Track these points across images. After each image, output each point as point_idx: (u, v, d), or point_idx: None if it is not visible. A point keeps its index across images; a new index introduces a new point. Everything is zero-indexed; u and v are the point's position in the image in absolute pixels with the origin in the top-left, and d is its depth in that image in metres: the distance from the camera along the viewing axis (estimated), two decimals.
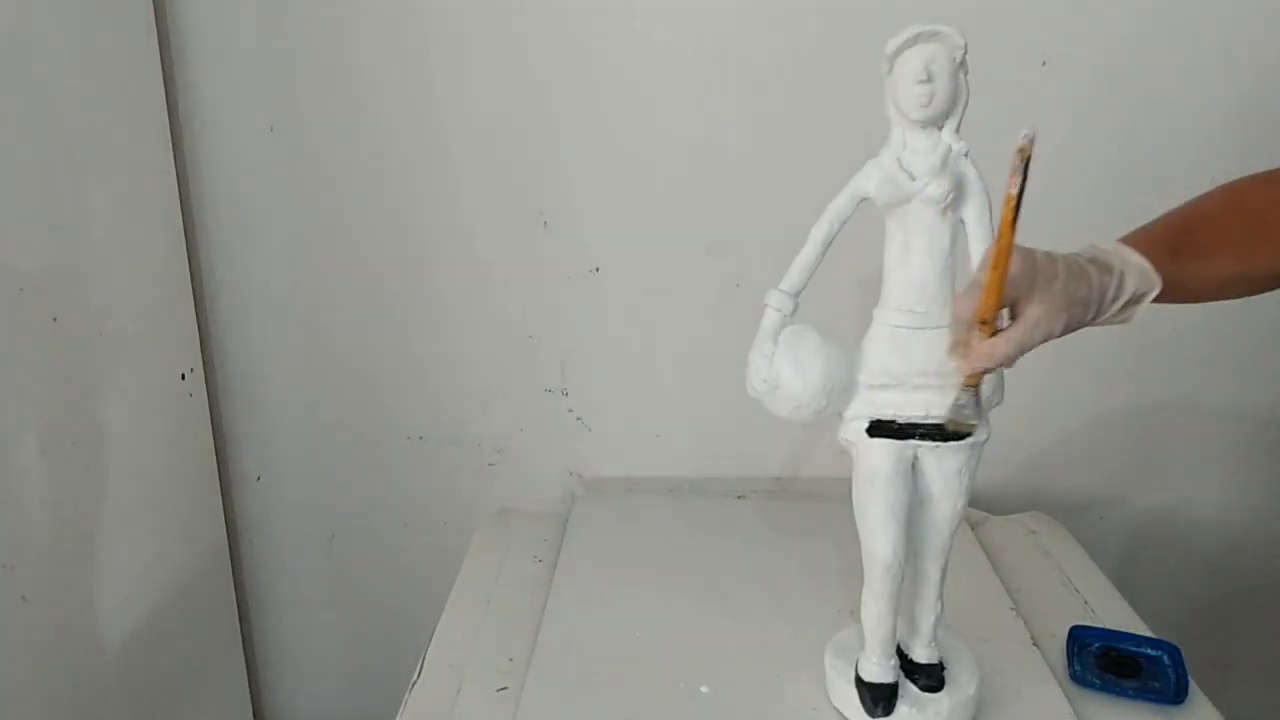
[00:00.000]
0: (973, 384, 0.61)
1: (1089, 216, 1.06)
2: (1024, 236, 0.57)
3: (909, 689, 0.71)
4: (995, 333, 0.59)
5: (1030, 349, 0.59)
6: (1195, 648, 0.81)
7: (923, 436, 0.65)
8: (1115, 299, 0.61)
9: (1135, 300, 0.62)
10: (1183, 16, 1.00)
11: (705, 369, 1.13)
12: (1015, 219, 0.56)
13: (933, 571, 0.70)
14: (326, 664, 1.32)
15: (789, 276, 0.66)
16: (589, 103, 1.07)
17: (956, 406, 0.62)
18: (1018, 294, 0.59)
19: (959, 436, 0.65)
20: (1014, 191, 0.55)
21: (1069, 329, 0.60)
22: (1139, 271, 0.62)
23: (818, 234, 0.65)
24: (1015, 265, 0.57)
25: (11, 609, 0.84)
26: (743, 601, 0.88)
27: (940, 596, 0.70)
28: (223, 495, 1.22)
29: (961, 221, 0.64)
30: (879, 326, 0.66)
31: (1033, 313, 0.59)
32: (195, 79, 1.09)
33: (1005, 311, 0.60)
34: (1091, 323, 0.62)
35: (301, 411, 1.21)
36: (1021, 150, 0.54)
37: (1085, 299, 0.60)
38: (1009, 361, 0.59)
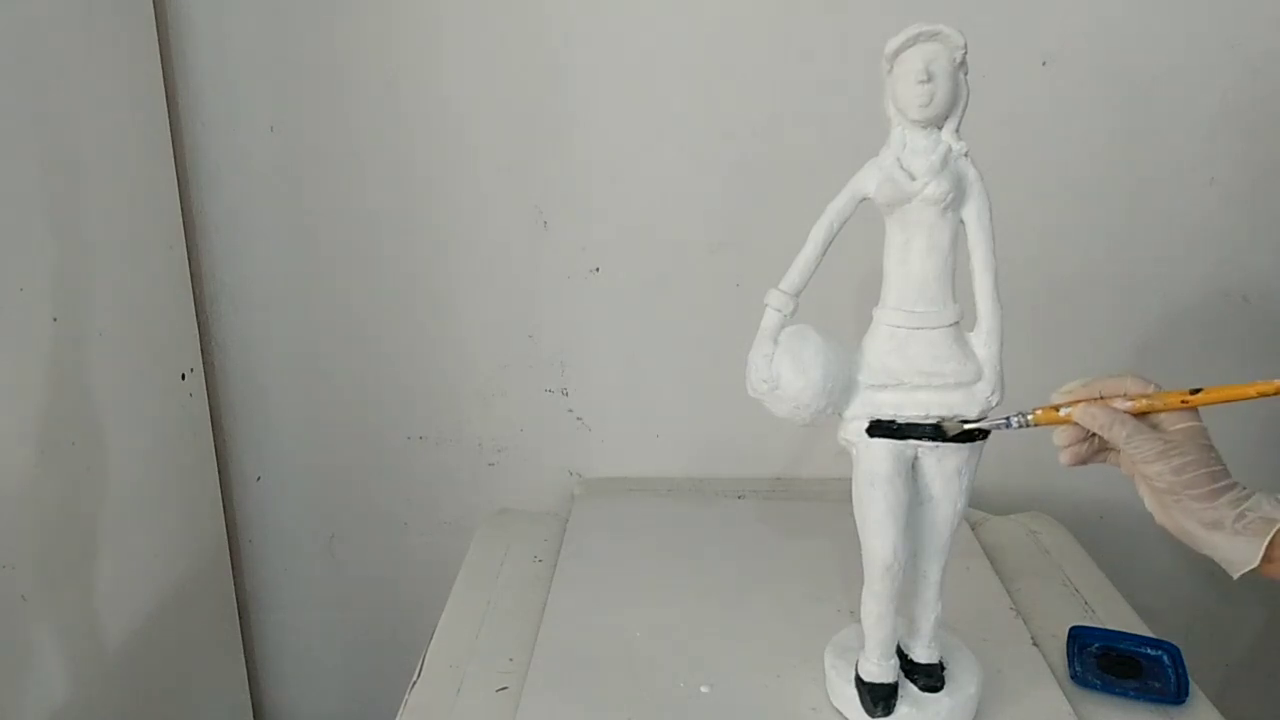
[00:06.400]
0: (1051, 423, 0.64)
1: (1088, 216, 1.07)
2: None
3: (909, 689, 0.71)
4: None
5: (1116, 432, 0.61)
6: (1195, 648, 0.81)
7: (922, 436, 0.65)
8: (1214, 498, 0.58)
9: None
10: (1182, 16, 1.00)
11: (705, 369, 1.13)
12: None
13: (932, 572, 0.70)
14: (326, 664, 1.32)
15: (789, 276, 0.66)
16: (589, 103, 1.07)
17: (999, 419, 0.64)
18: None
19: (965, 438, 0.65)
20: None
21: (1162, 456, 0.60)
22: (1246, 545, 0.57)
23: (817, 234, 0.65)
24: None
25: (11, 609, 0.84)
26: (743, 601, 0.88)
27: (940, 596, 0.70)
28: (223, 495, 1.22)
29: (961, 221, 0.64)
30: (879, 326, 0.66)
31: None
32: (195, 79, 1.09)
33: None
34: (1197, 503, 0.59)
35: (301, 411, 1.21)
36: None
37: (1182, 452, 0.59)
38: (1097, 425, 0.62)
